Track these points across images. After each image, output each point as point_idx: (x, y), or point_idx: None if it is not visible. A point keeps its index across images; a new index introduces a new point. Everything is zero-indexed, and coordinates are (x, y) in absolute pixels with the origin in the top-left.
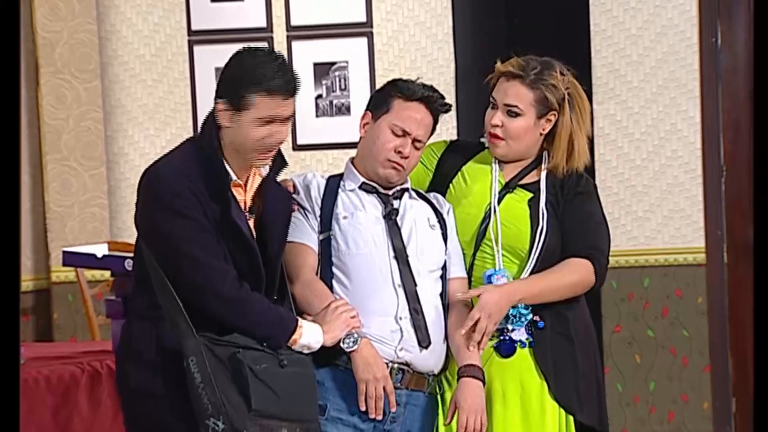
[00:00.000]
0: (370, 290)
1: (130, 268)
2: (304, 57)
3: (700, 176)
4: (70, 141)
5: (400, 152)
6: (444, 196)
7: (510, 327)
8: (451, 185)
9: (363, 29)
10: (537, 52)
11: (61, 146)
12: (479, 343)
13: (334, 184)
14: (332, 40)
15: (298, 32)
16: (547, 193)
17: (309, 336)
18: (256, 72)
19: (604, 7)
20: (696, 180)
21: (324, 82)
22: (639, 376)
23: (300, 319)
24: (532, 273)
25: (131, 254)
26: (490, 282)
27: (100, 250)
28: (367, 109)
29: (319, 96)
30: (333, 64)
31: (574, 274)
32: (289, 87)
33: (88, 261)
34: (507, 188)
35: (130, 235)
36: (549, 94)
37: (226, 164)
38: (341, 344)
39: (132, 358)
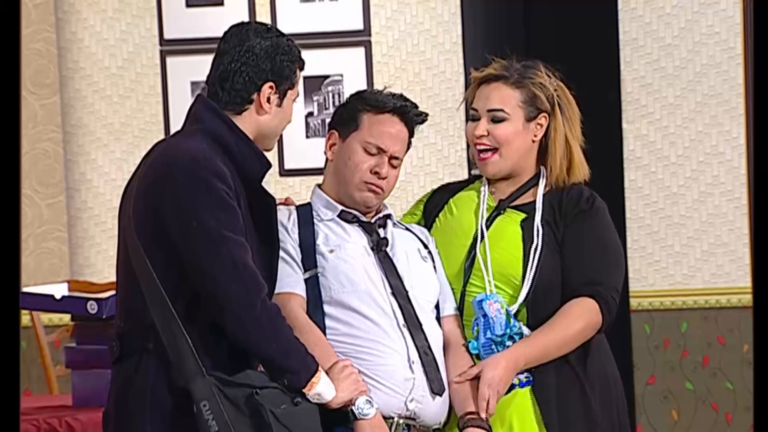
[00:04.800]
0: (376, 333)
1: (93, 311)
2: None
3: (746, 205)
4: (25, 165)
5: (376, 173)
6: (430, 231)
7: None
8: (437, 219)
9: (360, 38)
10: (558, 63)
11: None
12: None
13: (305, 214)
14: (325, 51)
15: None
16: (544, 212)
17: (325, 384)
18: (293, 49)
19: (635, 13)
20: (741, 210)
21: (315, 98)
22: None
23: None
24: (525, 302)
25: (94, 295)
26: (481, 308)
27: (59, 290)
28: (331, 128)
29: (310, 114)
30: (326, 77)
31: (578, 321)
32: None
33: (45, 303)
34: (497, 210)
35: (93, 273)
36: (538, 91)
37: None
38: (354, 408)
39: (143, 407)
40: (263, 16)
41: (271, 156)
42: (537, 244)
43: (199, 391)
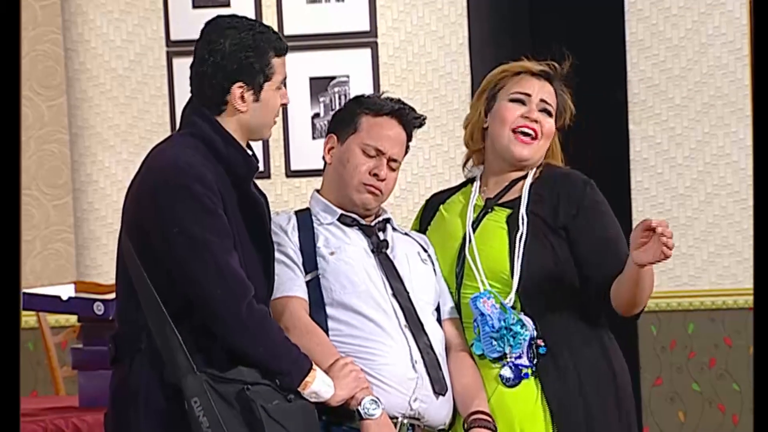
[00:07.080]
0: (378, 333)
1: (99, 312)
2: (300, 71)
3: (752, 207)
4: (32, 167)
5: (375, 174)
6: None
7: (508, 350)
8: (429, 226)
9: (366, 39)
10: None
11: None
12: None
13: (305, 218)
14: (331, 52)
15: (292, 42)
16: (530, 202)
17: (321, 383)
18: (261, 41)
19: (642, 14)
20: (747, 211)
21: (322, 99)
22: None
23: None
24: (518, 292)
25: (101, 296)
26: (476, 307)
27: (66, 291)
28: (329, 132)
29: (317, 115)
30: (332, 78)
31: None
32: (284, 45)
33: (52, 304)
34: (485, 209)
35: (100, 274)
36: (566, 107)
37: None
38: (360, 408)
39: (136, 406)
40: (269, 18)
41: (278, 157)
42: (522, 233)
43: (190, 387)
